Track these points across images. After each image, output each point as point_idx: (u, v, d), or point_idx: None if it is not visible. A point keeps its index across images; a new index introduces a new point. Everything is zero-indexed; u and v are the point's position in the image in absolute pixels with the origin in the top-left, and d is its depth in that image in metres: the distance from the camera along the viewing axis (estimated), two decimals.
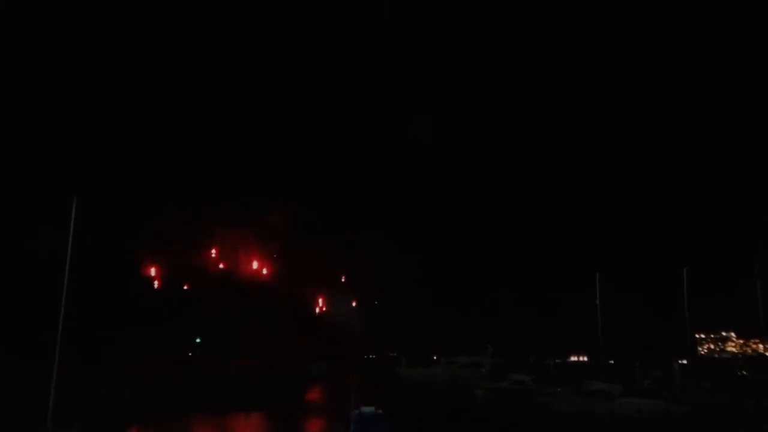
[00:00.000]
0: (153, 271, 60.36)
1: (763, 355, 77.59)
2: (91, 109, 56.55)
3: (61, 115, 53.43)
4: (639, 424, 28.36)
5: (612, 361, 64.52)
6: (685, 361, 56.78)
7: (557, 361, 70.61)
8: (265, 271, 72.57)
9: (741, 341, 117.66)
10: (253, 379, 41.37)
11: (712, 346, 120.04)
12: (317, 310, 78.66)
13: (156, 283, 60.34)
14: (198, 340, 58.13)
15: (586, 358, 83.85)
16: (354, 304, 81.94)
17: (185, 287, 61.83)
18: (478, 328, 68.26)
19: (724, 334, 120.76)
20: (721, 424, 27.38)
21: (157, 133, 62.75)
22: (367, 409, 17.89)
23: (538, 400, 34.56)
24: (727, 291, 59.86)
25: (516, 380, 42.52)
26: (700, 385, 38.15)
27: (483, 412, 33.77)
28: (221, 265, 68.70)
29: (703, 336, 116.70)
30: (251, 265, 71.75)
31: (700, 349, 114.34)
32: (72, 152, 51.58)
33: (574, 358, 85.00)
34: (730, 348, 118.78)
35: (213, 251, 68.41)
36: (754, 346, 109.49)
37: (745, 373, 48.07)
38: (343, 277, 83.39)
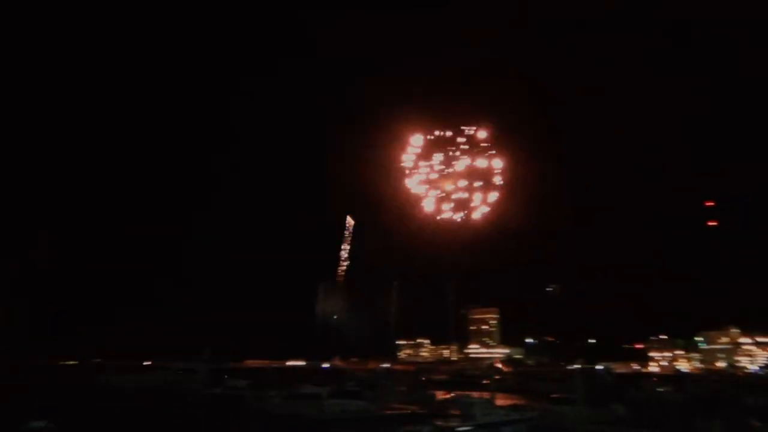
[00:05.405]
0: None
1: None
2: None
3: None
4: (343, 423, 30.73)
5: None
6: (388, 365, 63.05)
7: (275, 366, 72.62)
8: None
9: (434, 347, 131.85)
10: None
11: (411, 352, 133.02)
12: None
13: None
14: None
15: (303, 363, 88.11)
16: None
17: None
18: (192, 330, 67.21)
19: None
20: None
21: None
22: (36, 424, 16.88)
23: (253, 405, 35.16)
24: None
25: (231, 386, 42.79)
26: (396, 388, 42.52)
27: (192, 418, 33.00)
28: None
29: (404, 342, 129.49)
30: None
31: (401, 354, 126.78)
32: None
33: (290, 363, 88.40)
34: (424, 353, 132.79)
35: None
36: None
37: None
38: None
